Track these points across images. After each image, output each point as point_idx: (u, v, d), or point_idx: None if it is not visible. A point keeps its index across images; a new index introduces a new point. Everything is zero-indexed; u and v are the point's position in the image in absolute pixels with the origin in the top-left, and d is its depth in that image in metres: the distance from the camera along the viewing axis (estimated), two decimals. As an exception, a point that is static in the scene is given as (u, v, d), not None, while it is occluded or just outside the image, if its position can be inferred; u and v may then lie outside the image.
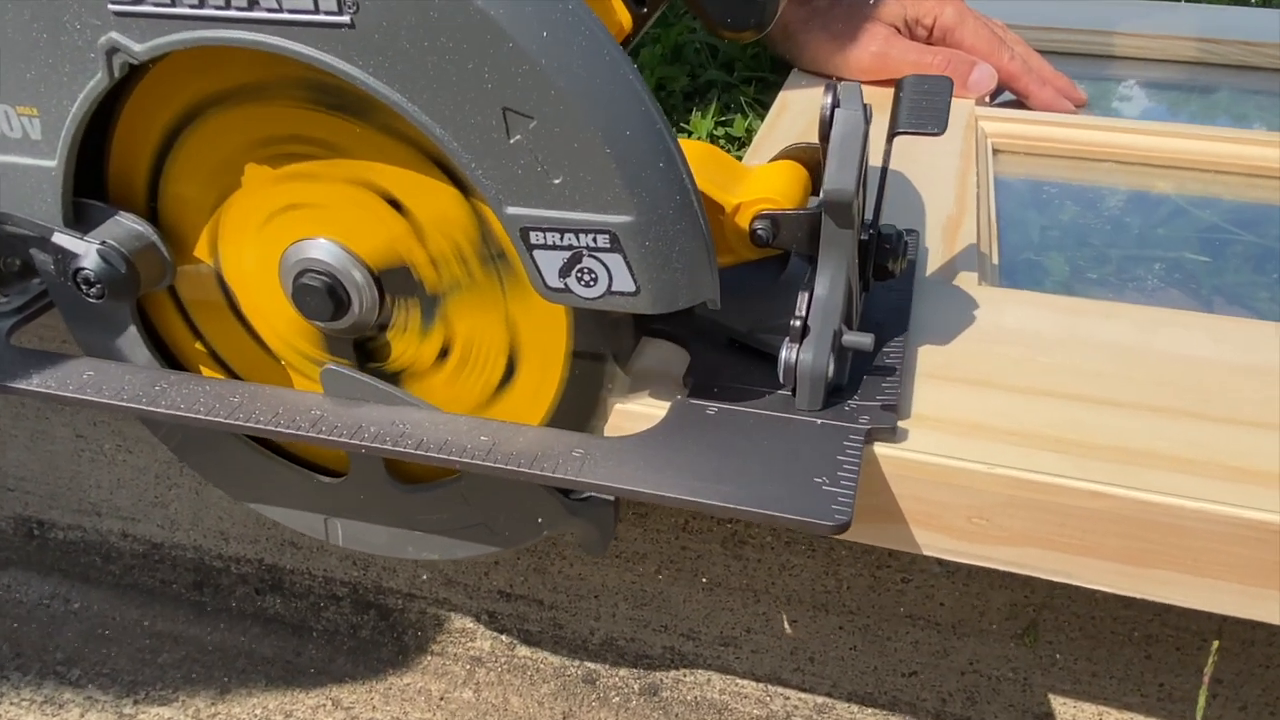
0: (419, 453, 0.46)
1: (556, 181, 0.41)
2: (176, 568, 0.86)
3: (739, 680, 0.74)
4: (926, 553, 0.48)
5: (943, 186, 0.71)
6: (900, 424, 0.47)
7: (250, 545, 0.83)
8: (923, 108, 0.48)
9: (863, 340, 0.46)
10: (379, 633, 0.81)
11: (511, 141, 0.40)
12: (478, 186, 0.42)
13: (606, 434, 0.50)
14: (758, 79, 0.99)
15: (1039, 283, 0.68)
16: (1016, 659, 0.68)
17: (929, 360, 0.51)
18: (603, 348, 0.49)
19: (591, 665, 0.77)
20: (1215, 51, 1.05)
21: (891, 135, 0.48)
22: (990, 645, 0.68)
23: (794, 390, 0.46)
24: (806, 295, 0.46)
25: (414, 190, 0.47)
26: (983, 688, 0.69)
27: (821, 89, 0.47)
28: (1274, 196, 0.80)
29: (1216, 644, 0.61)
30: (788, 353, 0.46)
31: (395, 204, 0.47)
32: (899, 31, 0.89)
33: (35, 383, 0.52)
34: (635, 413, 0.49)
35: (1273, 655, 0.64)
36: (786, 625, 0.72)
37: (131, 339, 0.55)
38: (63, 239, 0.49)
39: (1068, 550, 0.46)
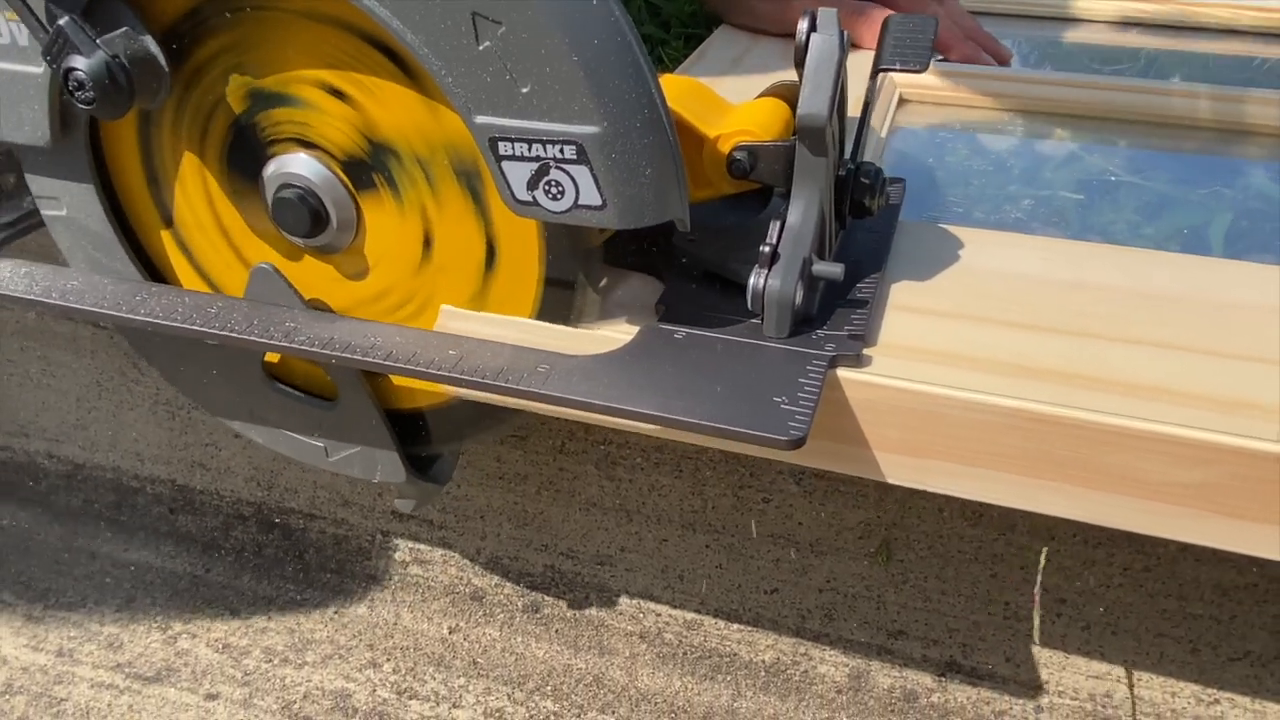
0: (388, 364, 0.47)
1: (525, 90, 0.41)
2: (98, 487, 0.89)
3: (614, 597, 0.76)
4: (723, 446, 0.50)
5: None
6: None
7: (164, 466, 0.87)
8: (906, 45, 0.49)
9: (833, 270, 0.47)
10: (282, 551, 0.84)
11: (480, 48, 0.41)
12: (447, 94, 0.42)
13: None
14: (690, 35, 1.01)
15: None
16: (870, 577, 0.70)
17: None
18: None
19: (478, 583, 0.79)
20: (1148, 11, 1.06)
21: (875, 72, 0.49)
22: (846, 563, 0.70)
23: (762, 316, 0.47)
24: (779, 224, 0.47)
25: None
26: (840, 605, 0.71)
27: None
28: (1171, 144, 0.81)
29: (1045, 551, 0.63)
30: (756, 279, 0.46)
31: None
32: None
33: (22, 290, 0.53)
34: (606, 338, 0.49)
35: (1112, 575, 0.65)
36: (657, 544, 0.74)
37: (110, 244, 0.56)
38: (73, 31, 0.45)
39: (853, 443, 0.48)
